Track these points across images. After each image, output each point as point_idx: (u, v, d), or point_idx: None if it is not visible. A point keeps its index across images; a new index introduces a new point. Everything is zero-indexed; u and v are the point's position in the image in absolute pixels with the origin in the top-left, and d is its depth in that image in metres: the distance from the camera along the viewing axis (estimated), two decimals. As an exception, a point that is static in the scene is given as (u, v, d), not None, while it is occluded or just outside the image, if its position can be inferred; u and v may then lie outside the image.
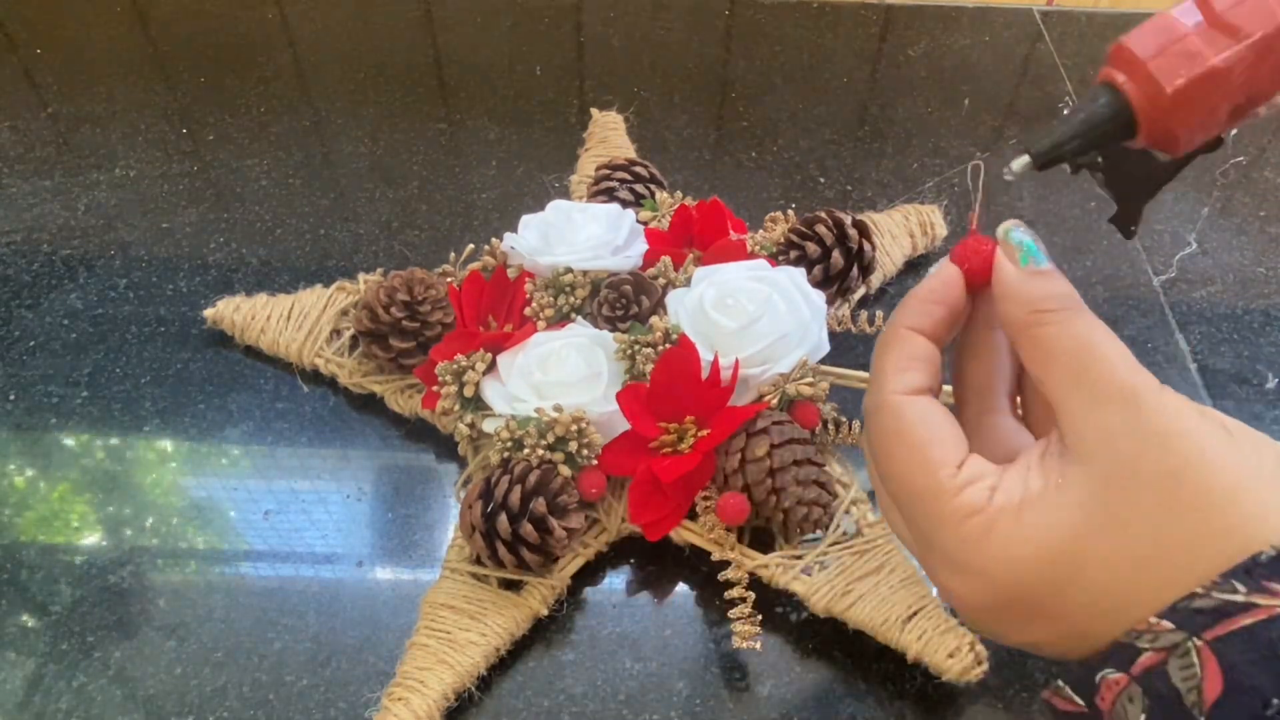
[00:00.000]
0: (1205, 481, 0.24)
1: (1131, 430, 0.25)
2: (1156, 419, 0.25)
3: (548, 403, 0.47)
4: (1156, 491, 0.25)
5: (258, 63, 0.78)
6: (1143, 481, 0.25)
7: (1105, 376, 0.26)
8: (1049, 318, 0.28)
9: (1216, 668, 0.23)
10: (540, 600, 0.44)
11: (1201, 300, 0.61)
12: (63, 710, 0.42)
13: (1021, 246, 0.29)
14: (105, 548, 0.48)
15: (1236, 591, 0.23)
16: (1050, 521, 0.26)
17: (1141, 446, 0.25)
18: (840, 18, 0.84)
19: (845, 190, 0.68)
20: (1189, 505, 0.24)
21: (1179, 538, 0.24)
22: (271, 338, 0.55)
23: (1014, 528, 0.26)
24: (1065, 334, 0.27)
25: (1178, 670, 0.23)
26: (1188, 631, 0.24)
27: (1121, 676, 0.25)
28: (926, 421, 0.29)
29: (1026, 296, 0.28)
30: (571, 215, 0.55)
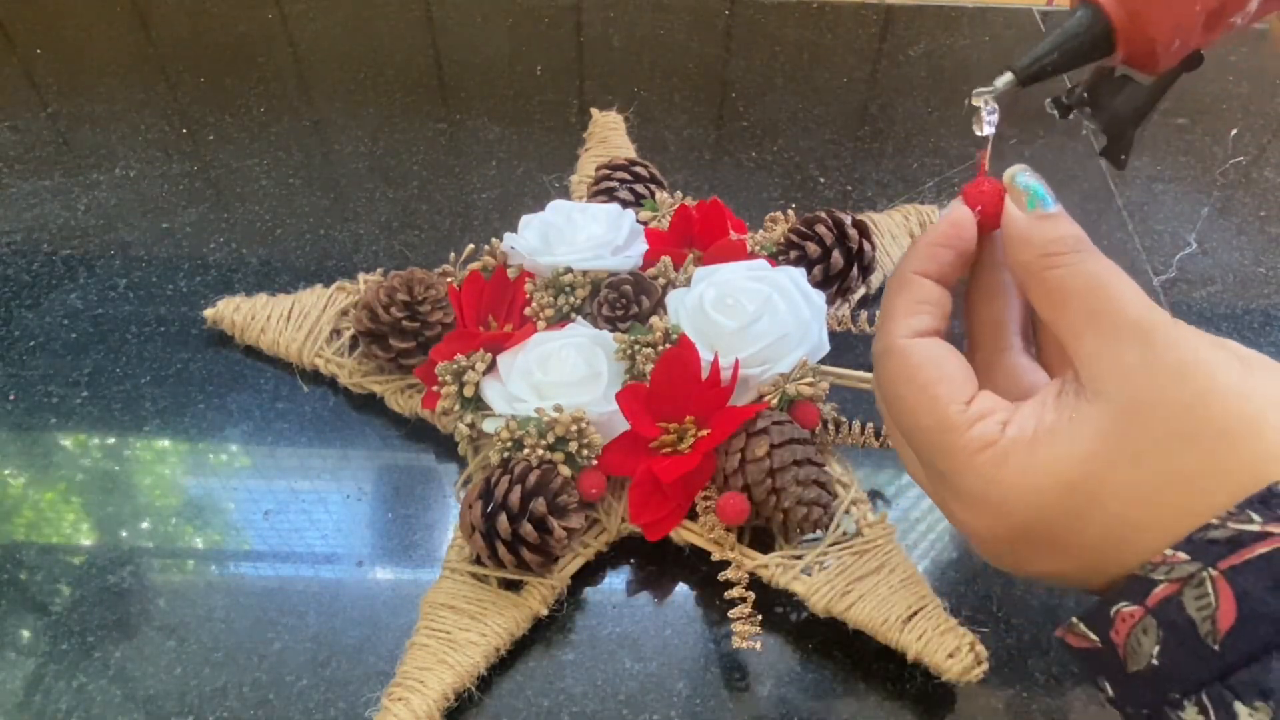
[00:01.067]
0: (1221, 412, 0.24)
1: (1147, 364, 0.25)
2: (1172, 352, 0.25)
3: (548, 403, 0.47)
4: (1172, 423, 0.24)
5: (258, 63, 0.78)
6: (1158, 414, 0.25)
7: (1119, 314, 0.26)
8: (1059, 260, 0.28)
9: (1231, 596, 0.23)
10: (540, 600, 0.44)
11: (1201, 300, 0.61)
12: (63, 710, 0.42)
13: (1028, 190, 0.29)
14: (105, 548, 0.48)
15: (1252, 521, 0.23)
16: (1065, 453, 0.26)
17: (1157, 379, 0.25)
18: (840, 18, 0.84)
19: (845, 190, 0.68)
20: (1205, 436, 0.24)
21: (1195, 468, 0.24)
22: (271, 338, 0.55)
23: (1028, 459, 0.26)
24: (1076, 275, 0.27)
25: (1193, 600, 0.23)
26: (1203, 562, 0.23)
27: (1136, 609, 0.25)
28: (934, 361, 0.29)
29: (1036, 240, 0.29)
30: (571, 215, 0.55)
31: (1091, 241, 0.28)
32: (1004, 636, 0.45)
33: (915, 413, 0.29)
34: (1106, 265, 0.28)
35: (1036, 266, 0.28)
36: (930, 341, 0.30)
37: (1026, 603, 0.46)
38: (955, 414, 0.28)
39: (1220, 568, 0.23)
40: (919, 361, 0.29)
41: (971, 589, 0.47)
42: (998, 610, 0.46)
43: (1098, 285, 0.27)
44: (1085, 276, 0.27)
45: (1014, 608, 0.46)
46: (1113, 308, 0.27)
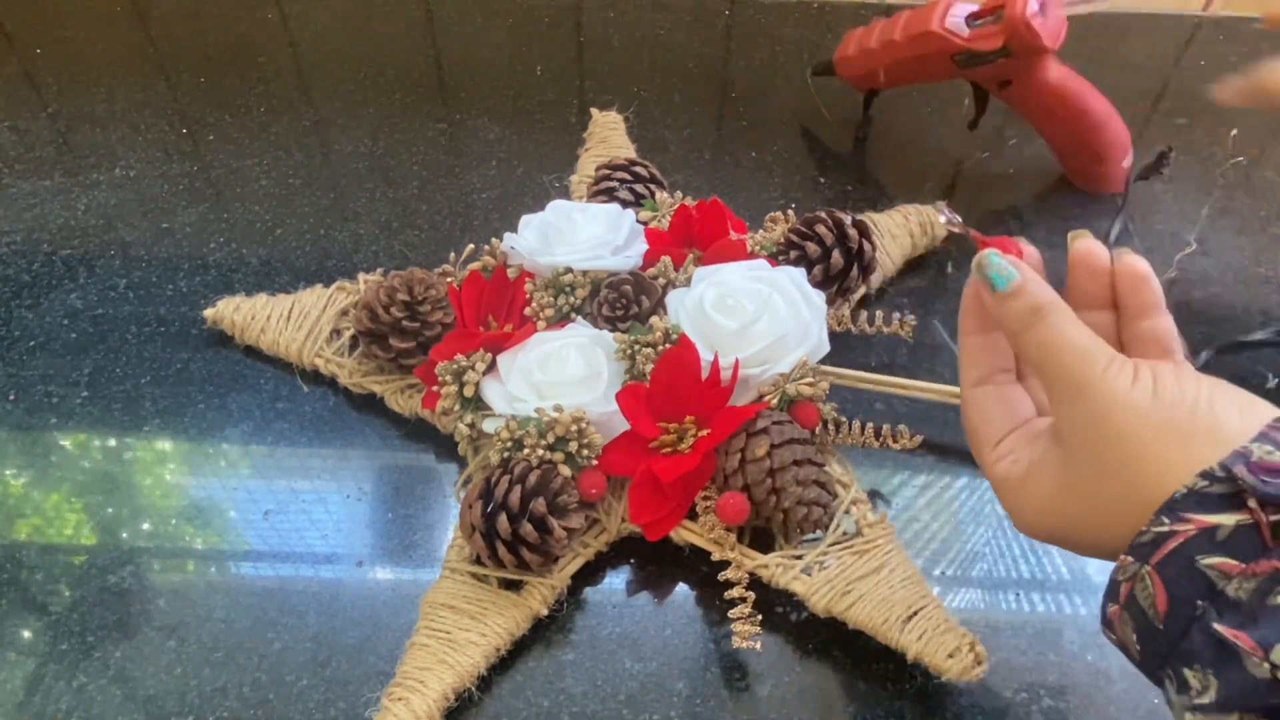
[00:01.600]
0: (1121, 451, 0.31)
1: (1080, 417, 0.33)
2: (1091, 405, 0.32)
3: (548, 403, 0.47)
4: (1094, 464, 0.32)
5: (258, 63, 0.78)
6: (1086, 457, 0.33)
7: (1060, 374, 0.33)
8: (1021, 335, 0.35)
9: (1160, 585, 0.29)
10: (540, 600, 0.44)
11: (1201, 300, 0.61)
12: (63, 710, 0.42)
13: (988, 276, 0.36)
14: (105, 548, 0.48)
15: (1164, 525, 0.29)
16: (1039, 488, 0.35)
17: (1084, 431, 0.33)
18: (840, 18, 0.84)
19: (845, 190, 0.68)
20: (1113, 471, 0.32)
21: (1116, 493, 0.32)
22: (271, 338, 0.55)
23: (1020, 490, 0.36)
24: (1033, 345, 0.34)
25: (1141, 593, 0.30)
26: (1141, 561, 0.30)
27: (1116, 608, 0.31)
28: (979, 411, 0.38)
29: (1003, 320, 0.36)
30: (571, 215, 0.55)
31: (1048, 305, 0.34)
32: (1004, 636, 0.45)
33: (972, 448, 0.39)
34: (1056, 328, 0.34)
35: (1009, 338, 0.36)
36: (983, 392, 0.39)
37: (1027, 603, 0.46)
38: (986, 455, 0.38)
39: (1151, 563, 0.29)
40: (969, 411, 0.39)
41: (971, 589, 0.47)
42: (998, 610, 0.46)
43: (1049, 351, 0.34)
44: (1037, 346, 0.34)
45: (1014, 607, 0.46)
46: (1056, 370, 0.34)
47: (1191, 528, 0.29)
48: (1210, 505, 0.29)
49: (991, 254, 0.35)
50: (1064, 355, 0.33)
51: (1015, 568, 0.48)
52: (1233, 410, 0.31)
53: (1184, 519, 0.29)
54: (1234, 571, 0.28)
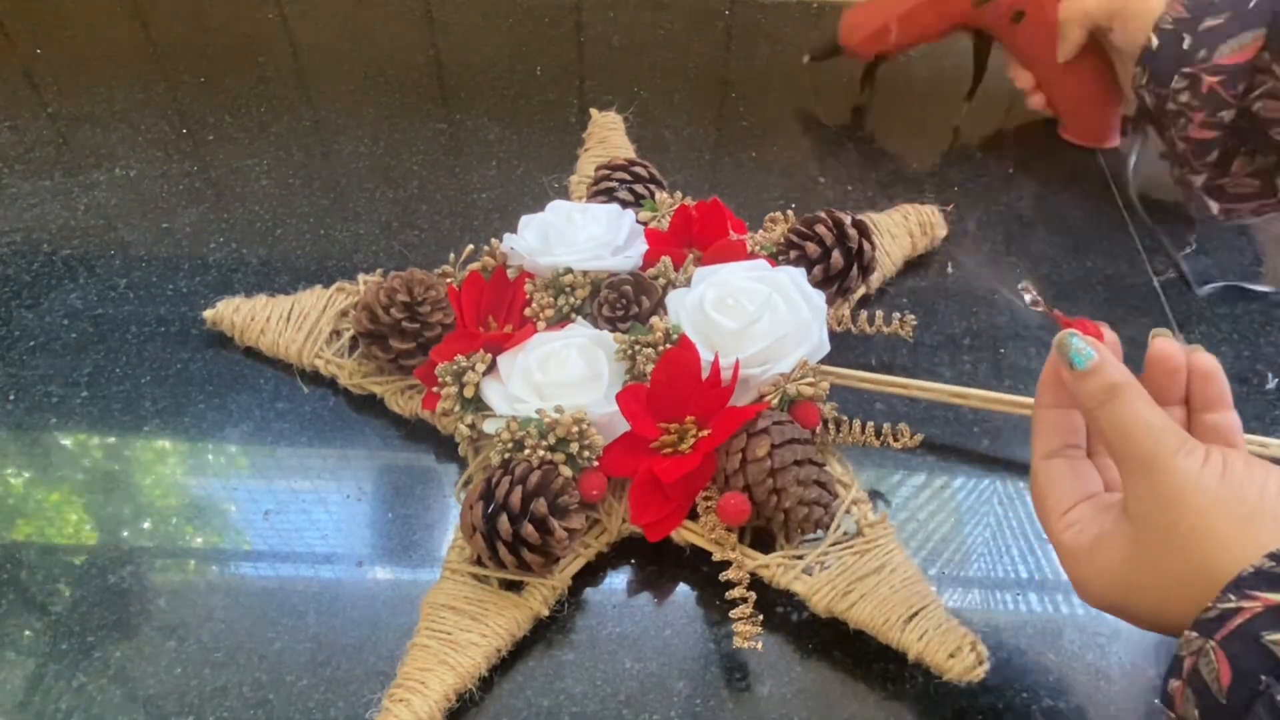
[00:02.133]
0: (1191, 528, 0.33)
1: (1150, 493, 0.34)
2: (1162, 483, 0.34)
3: (548, 403, 0.47)
4: (1161, 540, 0.34)
5: (258, 63, 0.78)
6: (1154, 533, 0.34)
7: (1133, 452, 0.35)
8: (1096, 412, 0.37)
9: (1225, 660, 0.30)
10: (541, 601, 0.44)
11: (1201, 300, 0.61)
12: (63, 710, 0.42)
13: (1068, 354, 0.37)
14: (105, 548, 0.48)
15: (1230, 601, 0.31)
16: (1105, 559, 0.36)
17: (1152, 508, 0.34)
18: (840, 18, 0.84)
19: (845, 190, 0.68)
20: (1180, 548, 0.33)
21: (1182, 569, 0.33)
22: (271, 339, 0.55)
23: (1086, 560, 0.37)
24: (1107, 423, 0.36)
25: (1205, 667, 0.31)
26: (1205, 637, 0.31)
27: (1179, 683, 0.32)
28: (1050, 481, 0.40)
29: (1079, 397, 0.37)
30: (571, 215, 0.55)
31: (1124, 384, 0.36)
32: (1004, 636, 0.45)
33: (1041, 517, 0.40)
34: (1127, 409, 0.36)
35: (1085, 414, 0.38)
36: (1054, 464, 0.40)
37: (1027, 604, 0.46)
38: (1054, 523, 0.39)
39: (1216, 639, 0.31)
40: (1039, 481, 0.40)
41: (972, 589, 0.47)
42: (998, 610, 0.46)
43: (1122, 429, 0.35)
44: (1112, 424, 0.36)
45: (1014, 607, 0.46)
46: (1129, 448, 0.35)
47: (1259, 605, 0.30)
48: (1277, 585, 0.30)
49: (1072, 334, 0.38)
50: (1138, 433, 0.35)
51: (1015, 568, 0.48)
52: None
53: (1251, 596, 0.30)
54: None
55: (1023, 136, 0.72)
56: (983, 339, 0.59)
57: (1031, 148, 0.71)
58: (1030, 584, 0.47)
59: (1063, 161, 0.71)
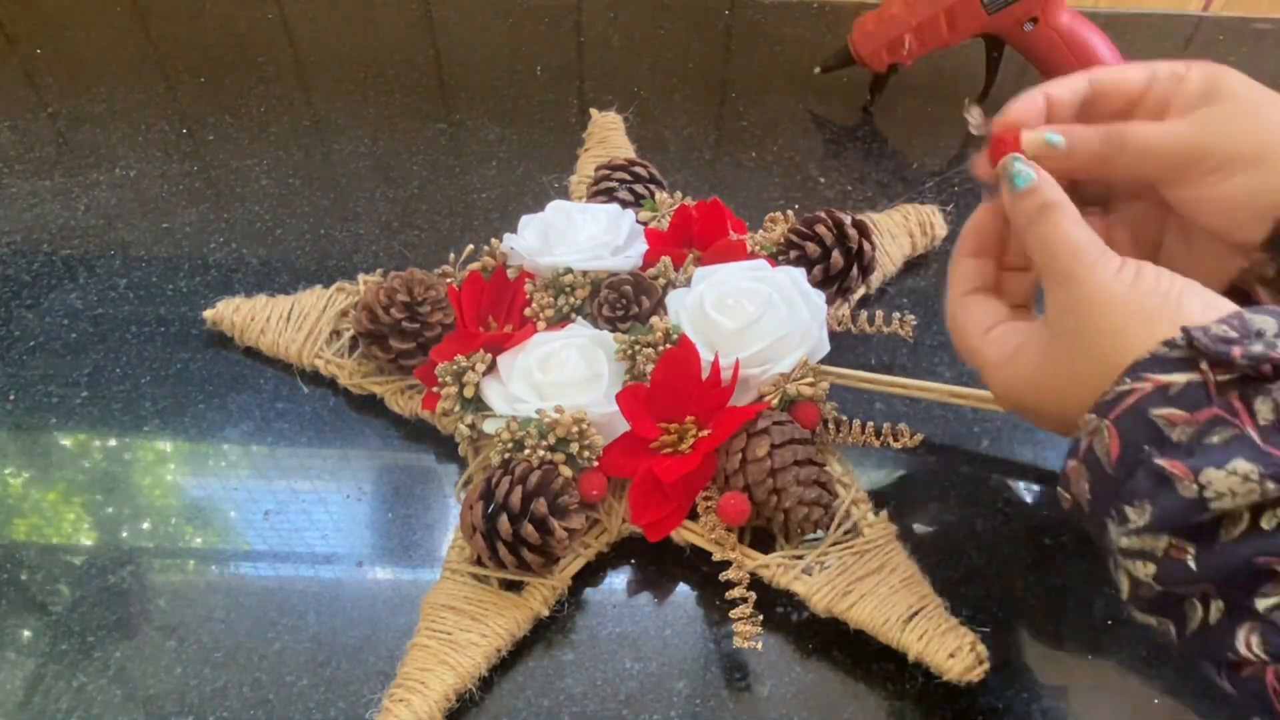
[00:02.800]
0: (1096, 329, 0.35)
1: (1066, 303, 0.37)
2: (1078, 292, 0.36)
3: (548, 403, 0.47)
4: (1072, 342, 0.36)
5: (258, 63, 0.78)
6: (1065, 336, 0.37)
7: (1055, 266, 0.37)
8: (1027, 229, 0.39)
9: (1115, 434, 0.33)
10: (541, 601, 0.44)
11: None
12: (63, 710, 0.42)
13: (1009, 175, 0.40)
14: (105, 548, 0.48)
15: (1125, 384, 0.33)
16: (1023, 367, 0.39)
17: (1067, 314, 0.37)
18: (840, 18, 0.84)
19: (845, 190, 0.68)
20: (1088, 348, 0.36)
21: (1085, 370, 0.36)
22: (271, 339, 0.55)
23: (1007, 370, 0.40)
24: (1035, 238, 0.38)
25: (1098, 445, 0.33)
26: (1101, 417, 0.33)
27: (1075, 462, 0.35)
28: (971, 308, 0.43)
29: (1013, 214, 0.40)
30: (571, 215, 0.55)
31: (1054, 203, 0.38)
32: (1004, 636, 0.45)
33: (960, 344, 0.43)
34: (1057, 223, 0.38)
35: (1018, 234, 0.40)
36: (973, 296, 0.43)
37: (1026, 603, 0.46)
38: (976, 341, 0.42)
39: (1110, 418, 0.33)
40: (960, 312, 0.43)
41: (972, 589, 0.47)
42: (998, 610, 0.46)
43: (1047, 244, 0.38)
44: (1039, 238, 0.38)
45: (1014, 608, 0.46)
46: (1052, 262, 0.37)
47: (1148, 385, 0.32)
48: (1168, 367, 0.32)
49: (1015, 158, 0.40)
50: (1062, 247, 0.37)
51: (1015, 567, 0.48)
52: (1196, 303, 0.34)
53: (1143, 378, 0.32)
54: (1179, 420, 0.31)
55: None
56: (983, 339, 0.59)
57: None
58: (1029, 585, 0.47)
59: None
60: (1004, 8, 0.65)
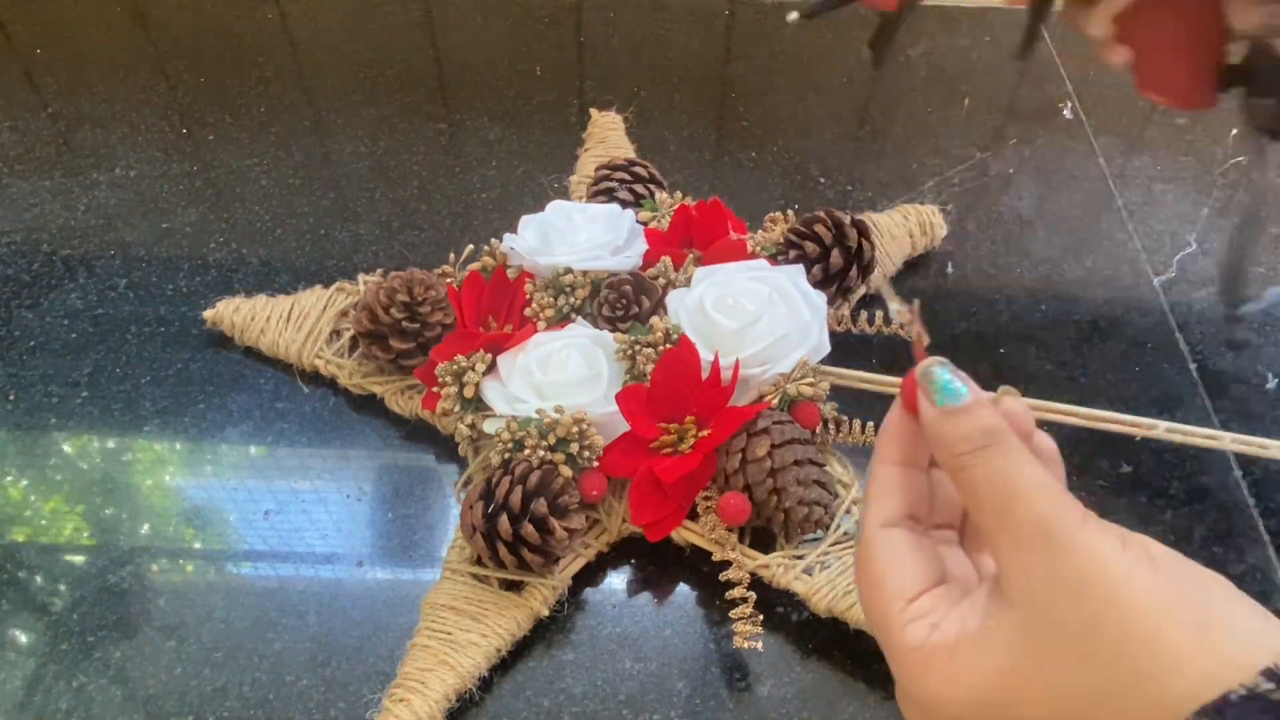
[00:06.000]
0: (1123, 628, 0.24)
1: (1050, 576, 0.25)
2: (1073, 562, 0.25)
3: (548, 403, 0.47)
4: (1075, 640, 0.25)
5: (258, 63, 0.78)
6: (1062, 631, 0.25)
7: (1023, 518, 0.26)
8: (966, 460, 0.28)
9: None
10: (541, 601, 0.44)
11: (1201, 300, 0.61)
12: (63, 710, 0.42)
13: (936, 386, 0.29)
14: (105, 548, 0.48)
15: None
16: (979, 665, 0.26)
17: (1059, 594, 0.25)
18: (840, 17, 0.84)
19: (845, 190, 0.68)
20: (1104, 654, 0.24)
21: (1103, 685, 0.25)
22: (271, 339, 0.55)
23: (947, 666, 0.27)
24: (984, 476, 0.27)
25: None
26: None
27: None
28: (891, 554, 0.30)
29: (945, 438, 0.28)
30: (571, 215, 0.55)
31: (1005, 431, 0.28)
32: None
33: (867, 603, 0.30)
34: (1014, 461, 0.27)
35: (950, 466, 0.28)
36: (894, 534, 0.30)
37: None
38: (895, 613, 0.29)
39: None
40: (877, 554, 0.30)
41: (972, 589, 0.47)
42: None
43: (1004, 485, 0.27)
44: (990, 477, 0.27)
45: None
46: (1017, 512, 0.26)
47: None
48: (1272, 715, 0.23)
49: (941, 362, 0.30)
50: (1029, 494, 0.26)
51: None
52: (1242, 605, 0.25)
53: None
54: None
55: (1023, 136, 0.72)
56: (983, 339, 0.59)
57: (1032, 147, 0.71)
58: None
59: (1063, 161, 0.71)
60: None
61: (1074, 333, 0.58)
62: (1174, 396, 0.56)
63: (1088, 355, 0.57)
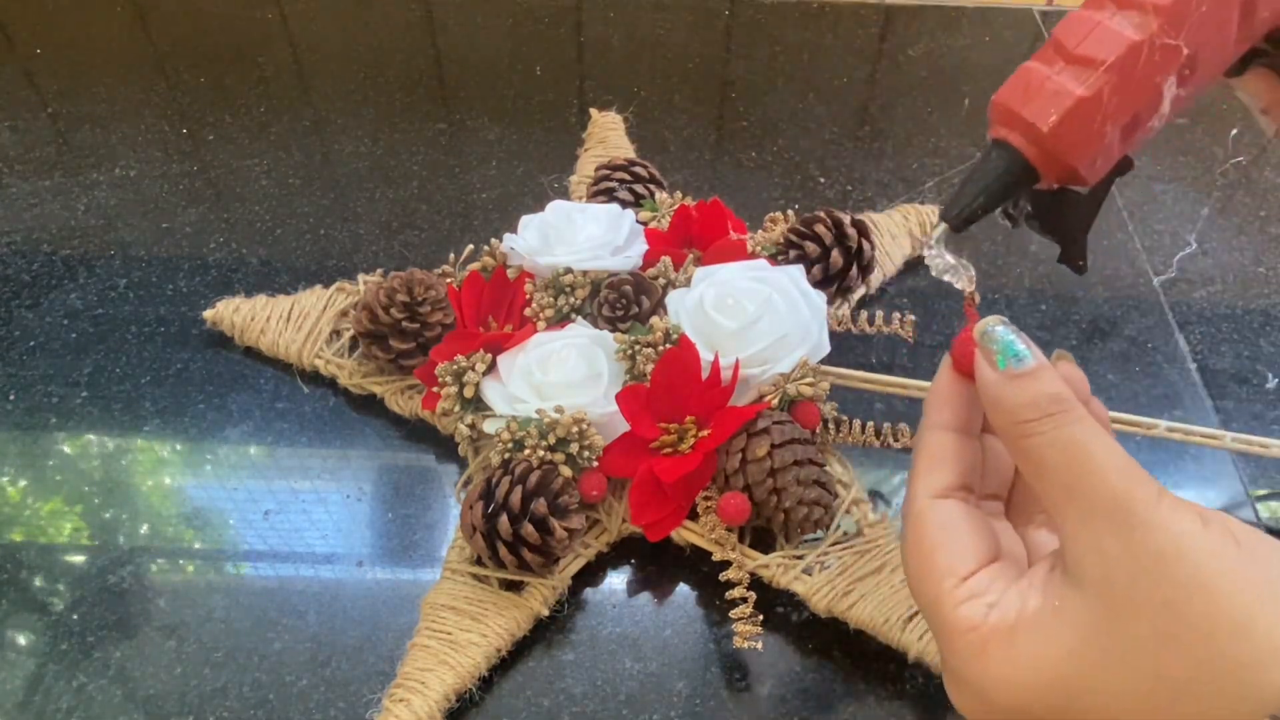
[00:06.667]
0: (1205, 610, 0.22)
1: (1127, 553, 0.24)
2: (1153, 539, 0.23)
3: (548, 403, 0.47)
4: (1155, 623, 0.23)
5: (258, 63, 0.78)
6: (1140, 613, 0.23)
7: (1096, 491, 0.24)
8: (1033, 427, 0.26)
9: None
10: (541, 601, 0.44)
11: (1201, 300, 0.61)
12: (63, 710, 0.42)
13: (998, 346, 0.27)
14: (105, 548, 0.48)
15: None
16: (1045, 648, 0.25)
17: (1138, 572, 0.23)
18: (840, 18, 0.84)
19: (845, 190, 0.68)
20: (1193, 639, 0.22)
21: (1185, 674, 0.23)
22: (271, 339, 0.55)
23: (1007, 650, 0.25)
24: (1052, 445, 0.26)
25: None
26: None
27: None
28: (944, 527, 0.28)
29: (1008, 405, 0.27)
30: (571, 215, 0.55)
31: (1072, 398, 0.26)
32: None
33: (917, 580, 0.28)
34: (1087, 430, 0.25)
35: (1011, 434, 0.27)
36: (947, 505, 0.29)
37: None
38: (947, 590, 0.27)
39: None
40: (930, 527, 0.28)
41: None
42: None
43: (1076, 456, 0.25)
44: (1060, 446, 0.25)
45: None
46: (1090, 484, 0.25)
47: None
48: None
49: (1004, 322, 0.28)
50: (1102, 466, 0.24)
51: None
52: None
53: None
54: None
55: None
56: (983, 339, 0.58)
57: None
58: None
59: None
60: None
61: (1074, 333, 0.58)
62: (1174, 396, 0.56)
63: (1088, 355, 0.57)
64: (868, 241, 0.55)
